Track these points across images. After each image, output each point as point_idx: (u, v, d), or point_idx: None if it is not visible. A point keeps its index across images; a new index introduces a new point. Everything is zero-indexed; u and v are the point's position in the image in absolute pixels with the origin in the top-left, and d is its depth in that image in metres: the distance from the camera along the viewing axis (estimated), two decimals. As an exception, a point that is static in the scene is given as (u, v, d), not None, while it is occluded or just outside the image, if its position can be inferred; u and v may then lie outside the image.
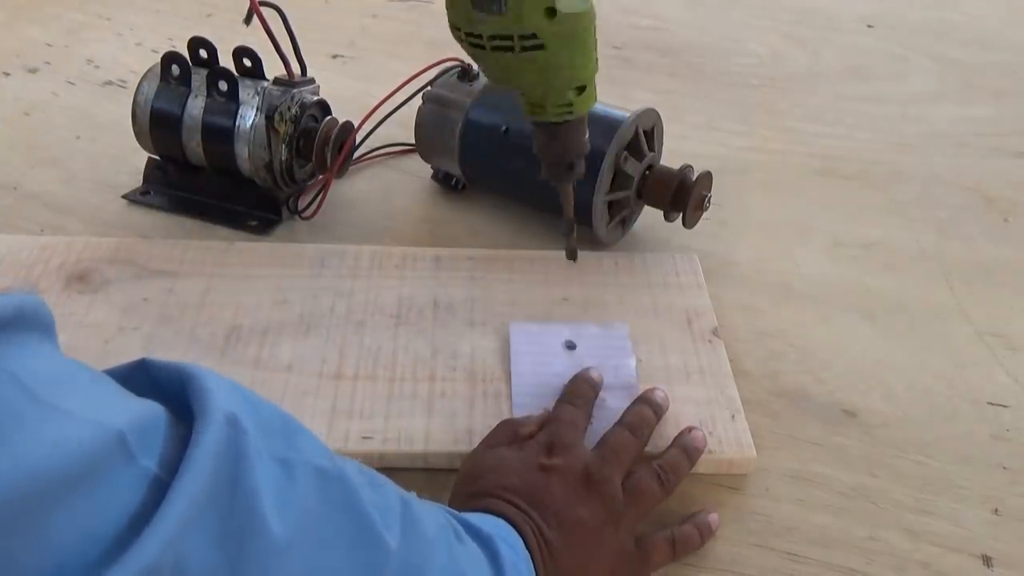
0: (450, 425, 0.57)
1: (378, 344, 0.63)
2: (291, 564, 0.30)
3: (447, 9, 0.53)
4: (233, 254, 0.71)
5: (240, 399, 0.32)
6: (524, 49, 0.51)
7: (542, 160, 0.60)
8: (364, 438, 0.56)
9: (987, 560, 0.53)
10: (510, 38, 0.51)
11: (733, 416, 0.59)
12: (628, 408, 0.56)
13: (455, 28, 0.53)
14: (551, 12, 0.50)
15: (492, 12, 0.50)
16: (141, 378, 0.32)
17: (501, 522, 0.46)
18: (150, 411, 0.29)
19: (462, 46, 0.54)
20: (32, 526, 0.24)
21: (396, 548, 0.35)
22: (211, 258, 0.70)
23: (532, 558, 0.45)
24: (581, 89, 0.55)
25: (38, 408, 0.25)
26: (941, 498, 0.56)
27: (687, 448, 0.54)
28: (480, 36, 0.52)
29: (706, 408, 0.59)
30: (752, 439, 0.57)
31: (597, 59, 0.56)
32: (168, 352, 0.61)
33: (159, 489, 0.27)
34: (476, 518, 0.45)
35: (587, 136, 0.60)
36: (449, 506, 0.47)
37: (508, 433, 0.53)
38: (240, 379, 0.34)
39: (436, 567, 0.37)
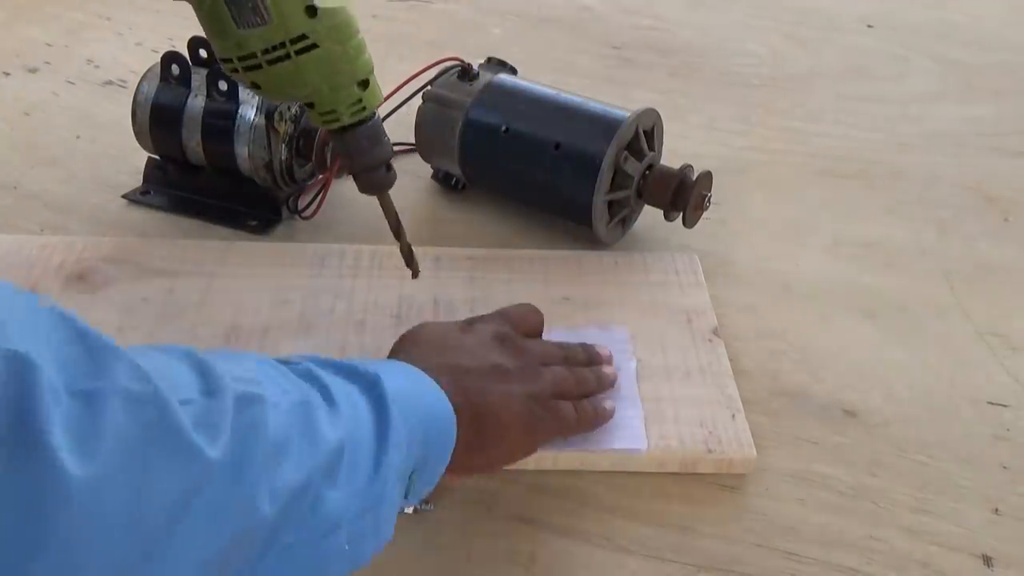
0: None
1: (378, 344, 0.63)
2: (104, 497, 0.29)
3: (214, 47, 0.54)
4: (233, 254, 0.71)
5: (38, 332, 0.30)
6: (299, 53, 0.52)
7: (355, 173, 0.60)
8: None
9: (987, 560, 0.53)
10: (283, 46, 0.52)
11: (733, 416, 0.59)
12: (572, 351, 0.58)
13: (226, 62, 0.54)
14: (311, 10, 0.52)
15: (256, 25, 0.51)
16: None
17: (406, 366, 0.48)
18: None
19: (240, 79, 0.55)
20: None
21: (219, 456, 0.33)
22: (211, 258, 0.70)
23: (442, 388, 0.47)
24: (365, 84, 0.56)
25: None
26: (941, 498, 0.56)
27: (599, 410, 0.56)
28: (254, 55, 0.53)
29: (706, 408, 0.59)
30: (752, 438, 0.57)
31: (369, 55, 0.56)
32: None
33: None
34: (379, 364, 0.46)
35: (387, 139, 0.60)
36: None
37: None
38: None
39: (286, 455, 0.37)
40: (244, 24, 0.51)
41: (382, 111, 0.77)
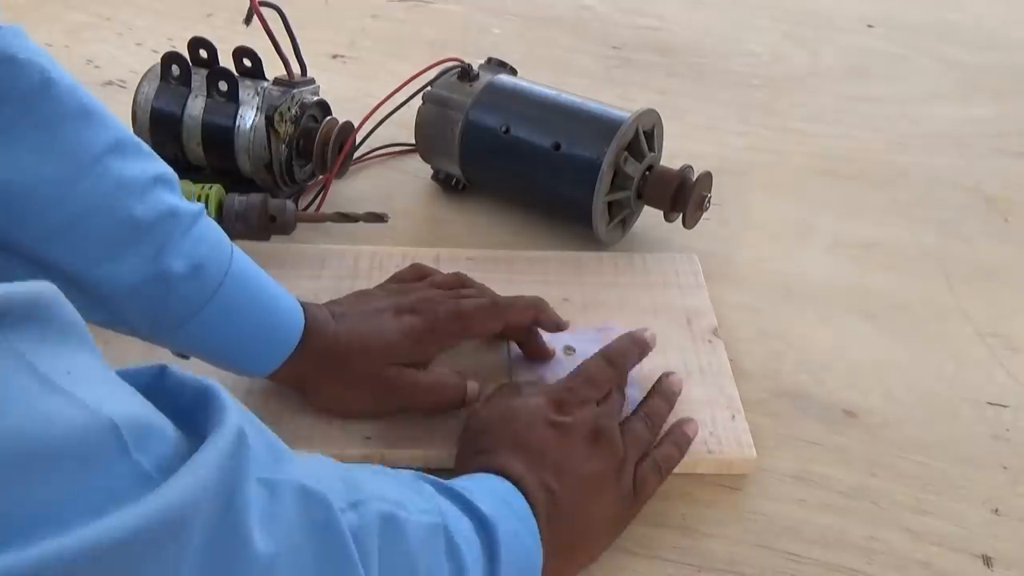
0: (452, 425, 0.57)
1: None
2: None
3: None
4: None
5: (247, 418, 0.32)
6: None
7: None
8: (365, 438, 0.56)
9: (987, 560, 0.53)
10: None
11: (733, 416, 0.59)
12: (644, 400, 0.57)
13: None
14: None
15: None
16: (158, 384, 0.33)
17: (503, 483, 0.47)
18: (156, 418, 0.29)
19: None
20: (11, 488, 0.24)
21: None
22: None
23: (536, 511, 0.46)
24: None
25: (38, 384, 0.25)
26: (941, 498, 0.56)
27: (679, 441, 0.55)
28: None
29: (706, 408, 0.59)
30: (752, 439, 0.57)
31: None
32: (170, 354, 0.61)
33: (151, 488, 0.27)
34: (476, 485, 0.45)
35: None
36: (455, 465, 0.49)
37: (512, 389, 0.55)
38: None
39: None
40: None
41: (382, 111, 0.78)
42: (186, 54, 0.75)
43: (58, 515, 0.24)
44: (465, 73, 0.77)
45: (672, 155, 0.76)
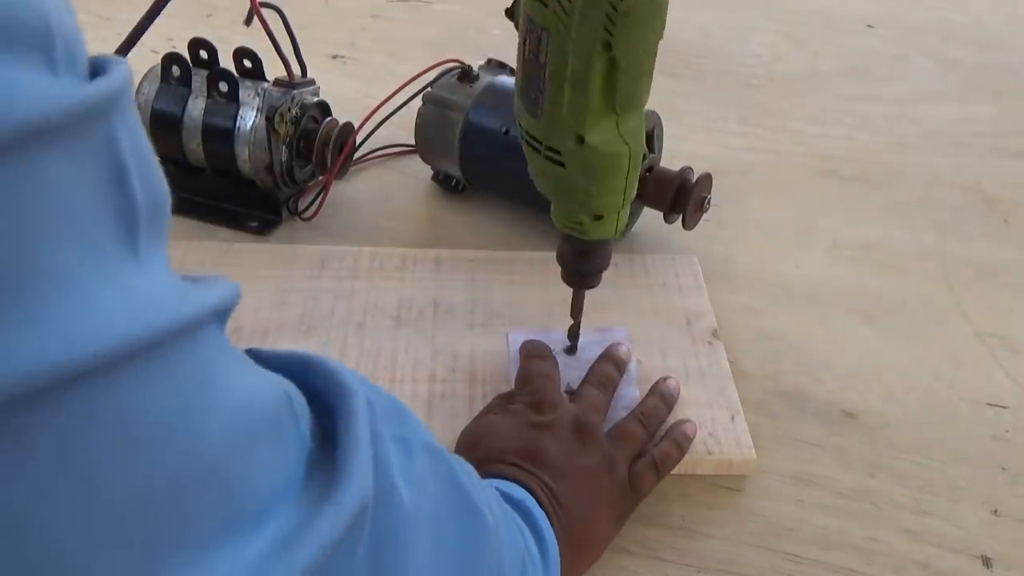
0: (450, 426, 0.57)
1: (378, 345, 0.63)
2: (417, 532, 0.32)
3: None
4: (233, 255, 0.71)
5: (363, 382, 0.33)
6: (547, 159, 0.51)
7: (567, 268, 0.58)
8: None
9: (986, 561, 0.53)
10: (539, 141, 0.51)
11: (733, 417, 0.59)
12: (643, 400, 0.58)
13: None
14: (580, 140, 0.49)
15: (531, 114, 0.50)
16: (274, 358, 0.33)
17: (514, 484, 0.48)
18: (294, 390, 0.30)
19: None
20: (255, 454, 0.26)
21: (493, 524, 0.37)
22: (211, 259, 0.70)
23: (544, 509, 0.47)
24: (598, 217, 0.53)
25: (244, 365, 0.27)
26: (940, 498, 0.56)
27: (678, 440, 0.56)
28: (522, 128, 0.52)
29: (706, 410, 0.59)
30: (752, 440, 0.57)
31: (629, 193, 0.53)
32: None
33: (309, 458, 0.28)
34: (500, 484, 0.47)
35: (609, 253, 0.57)
36: None
37: (496, 402, 0.56)
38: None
39: (507, 543, 0.39)
40: (526, 105, 0.50)
41: (382, 112, 0.78)
42: (186, 55, 0.75)
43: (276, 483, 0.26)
44: (465, 74, 0.77)
45: (672, 156, 0.76)
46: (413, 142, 0.80)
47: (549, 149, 0.50)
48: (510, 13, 0.55)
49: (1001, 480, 0.58)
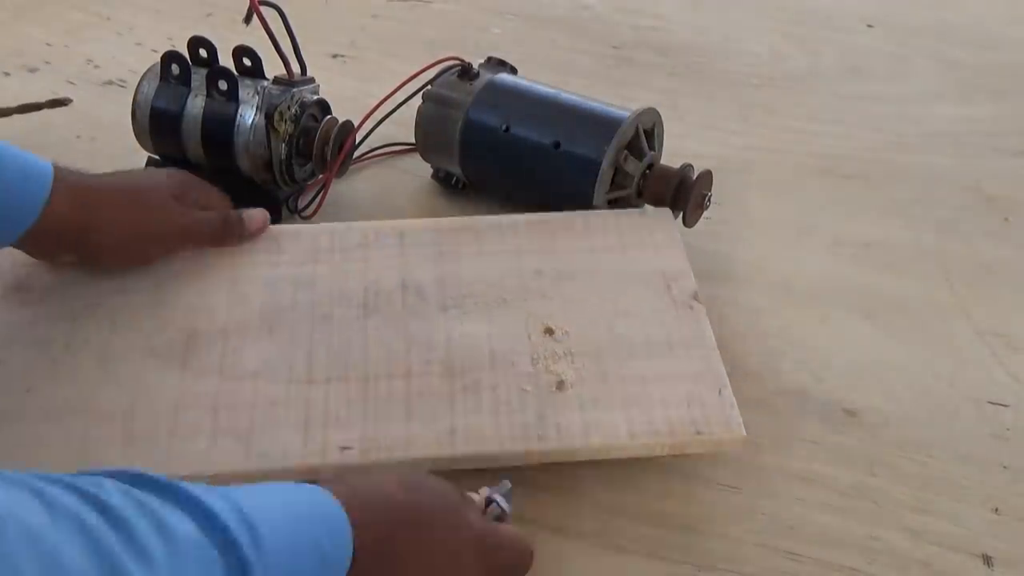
0: (431, 428, 0.55)
1: (347, 339, 0.60)
2: None
3: None
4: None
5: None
6: None
7: None
8: (343, 449, 0.54)
9: (987, 560, 0.53)
10: None
11: (720, 391, 0.57)
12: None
13: None
14: None
15: None
16: None
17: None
18: None
19: None
20: None
21: None
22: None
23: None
24: None
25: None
26: (941, 497, 0.56)
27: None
28: None
29: (691, 384, 0.57)
30: (739, 415, 0.56)
31: None
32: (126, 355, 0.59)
33: None
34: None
35: None
36: None
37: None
38: (205, 389, 0.33)
39: None
40: None
41: (382, 110, 0.78)
42: (186, 53, 0.75)
43: None
44: (465, 72, 0.77)
45: (672, 154, 0.76)
46: (413, 140, 0.80)
47: None
48: None
49: (1002, 479, 0.58)
